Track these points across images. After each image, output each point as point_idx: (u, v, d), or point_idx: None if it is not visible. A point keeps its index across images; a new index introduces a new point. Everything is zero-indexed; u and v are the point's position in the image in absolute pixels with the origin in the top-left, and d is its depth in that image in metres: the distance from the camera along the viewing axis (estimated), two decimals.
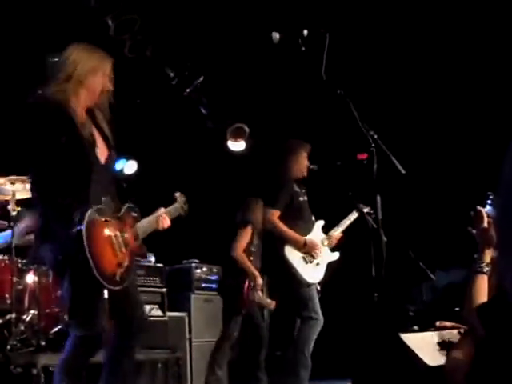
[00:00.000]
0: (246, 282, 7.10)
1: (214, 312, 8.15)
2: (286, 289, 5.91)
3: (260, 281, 7.20)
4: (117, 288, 3.64)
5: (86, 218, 3.47)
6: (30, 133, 3.69)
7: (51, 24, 7.13)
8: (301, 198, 6.07)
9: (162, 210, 4.19)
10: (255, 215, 7.20)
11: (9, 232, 6.32)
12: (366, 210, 6.30)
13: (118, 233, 3.71)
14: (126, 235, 3.78)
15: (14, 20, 7.18)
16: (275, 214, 5.91)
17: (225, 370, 6.97)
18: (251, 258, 7.19)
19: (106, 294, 3.61)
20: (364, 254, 4.94)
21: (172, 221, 4.25)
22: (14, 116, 3.81)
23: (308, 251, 5.88)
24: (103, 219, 3.62)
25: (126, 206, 3.86)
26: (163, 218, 4.12)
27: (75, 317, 3.67)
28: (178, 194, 4.43)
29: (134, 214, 3.93)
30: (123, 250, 3.72)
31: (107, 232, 3.64)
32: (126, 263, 3.72)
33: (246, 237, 7.11)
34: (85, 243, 3.44)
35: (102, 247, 3.60)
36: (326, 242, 6.18)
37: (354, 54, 8.20)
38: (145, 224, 4.02)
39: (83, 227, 3.44)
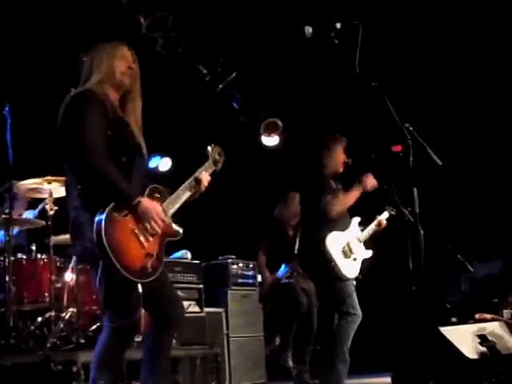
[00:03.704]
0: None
1: (251, 307, 8.16)
2: (324, 283, 5.86)
3: (267, 274, 7.55)
4: (150, 279, 3.59)
5: (104, 217, 3.42)
6: (77, 124, 3.56)
7: (84, 22, 7.18)
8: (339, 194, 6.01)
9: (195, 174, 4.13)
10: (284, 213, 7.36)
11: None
12: (392, 212, 6.29)
13: (141, 224, 3.59)
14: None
15: (46, 19, 7.23)
16: None
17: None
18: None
19: (140, 288, 3.57)
20: (401, 246, 4.90)
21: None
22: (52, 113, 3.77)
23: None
24: (122, 214, 3.52)
25: (150, 186, 3.77)
26: (199, 178, 4.08)
27: (110, 306, 3.66)
28: (209, 148, 4.38)
29: (157, 195, 3.79)
30: (150, 238, 3.64)
31: (128, 226, 3.55)
32: (155, 251, 3.66)
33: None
34: (107, 248, 3.39)
35: (126, 243, 3.52)
36: (363, 238, 6.12)
37: (388, 45, 8.14)
38: (174, 195, 3.92)
39: (102, 225, 3.39)
